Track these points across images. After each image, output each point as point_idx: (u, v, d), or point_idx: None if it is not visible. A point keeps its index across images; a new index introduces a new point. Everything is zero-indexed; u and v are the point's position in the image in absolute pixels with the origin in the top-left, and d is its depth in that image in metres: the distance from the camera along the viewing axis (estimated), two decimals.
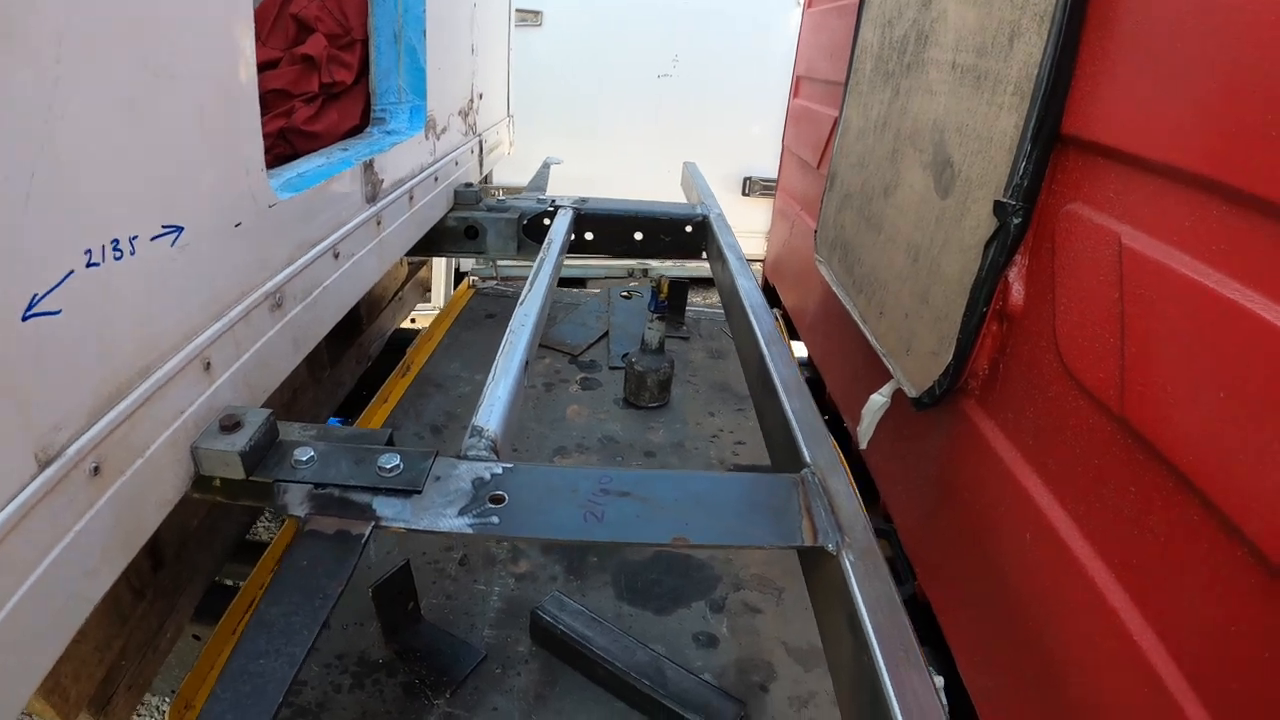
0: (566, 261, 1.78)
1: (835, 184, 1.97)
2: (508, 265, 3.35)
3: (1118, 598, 0.93)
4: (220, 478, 0.96)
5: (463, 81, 2.21)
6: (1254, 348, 0.76)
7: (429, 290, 2.82)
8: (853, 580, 0.86)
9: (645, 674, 1.20)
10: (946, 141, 1.39)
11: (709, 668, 1.29)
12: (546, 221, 2.16)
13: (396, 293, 2.31)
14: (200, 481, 0.95)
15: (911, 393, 1.38)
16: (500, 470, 1.01)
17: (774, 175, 3.04)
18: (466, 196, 2.13)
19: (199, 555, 1.46)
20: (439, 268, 3.02)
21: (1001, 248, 1.18)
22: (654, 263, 4.30)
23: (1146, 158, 0.95)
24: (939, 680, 1.25)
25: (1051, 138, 1.11)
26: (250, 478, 0.96)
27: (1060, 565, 1.04)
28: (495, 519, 0.92)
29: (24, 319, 0.62)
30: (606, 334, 2.54)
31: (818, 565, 0.95)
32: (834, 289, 1.87)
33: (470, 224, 2.13)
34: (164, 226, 0.84)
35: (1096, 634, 0.97)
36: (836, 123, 2.04)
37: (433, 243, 2.09)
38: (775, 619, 1.40)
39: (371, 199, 1.54)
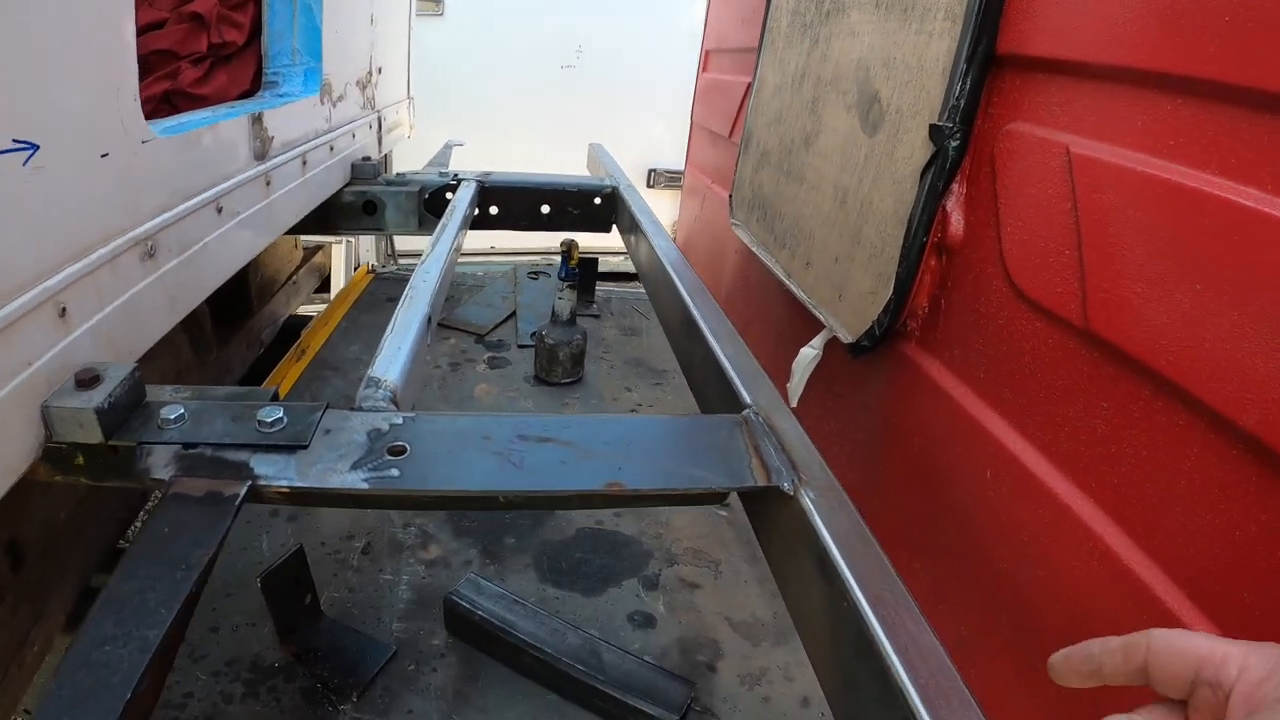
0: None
1: (750, 145, 1.91)
2: (406, 258, 3.13)
3: (1096, 519, 0.87)
4: (76, 444, 0.80)
5: (361, 51, 2.06)
6: (1229, 231, 0.72)
7: (328, 279, 2.60)
8: (817, 519, 0.77)
9: (579, 659, 1.07)
10: (872, 78, 1.34)
11: (649, 649, 1.17)
12: (449, 195, 2.01)
13: (291, 276, 2.11)
14: (54, 455, 0.79)
15: (848, 338, 1.31)
16: (400, 420, 0.87)
17: (679, 167, 2.99)
18: (364, 170, 1.97)
19: (69, 554, 1.24)
20: (338, 259, 2.79)
21: (940, 172, 1.13)
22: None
23: (1090, 63, 0.92)
24: None
25: (987, 59, 1.08)
26: (109, 441, 0.79)
27: (1027, 497, 0.98)
28: (395, 471, 0.78)
29: None
30: (514, 314, 2.40)
31: (773, 509, 0.86)
32: (754, 249, 1.80)
33: (369, 199, 1.97)
34: (15, 141, 0.71)
35: (1075, 560, 0.91)
36: (749, 87, 1.99)
37: (328, 220, 1.92)
38: (715, 593, 1.30)
39: (260, 156, 1.38)
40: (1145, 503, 0.82)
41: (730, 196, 2.01)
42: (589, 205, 2.09)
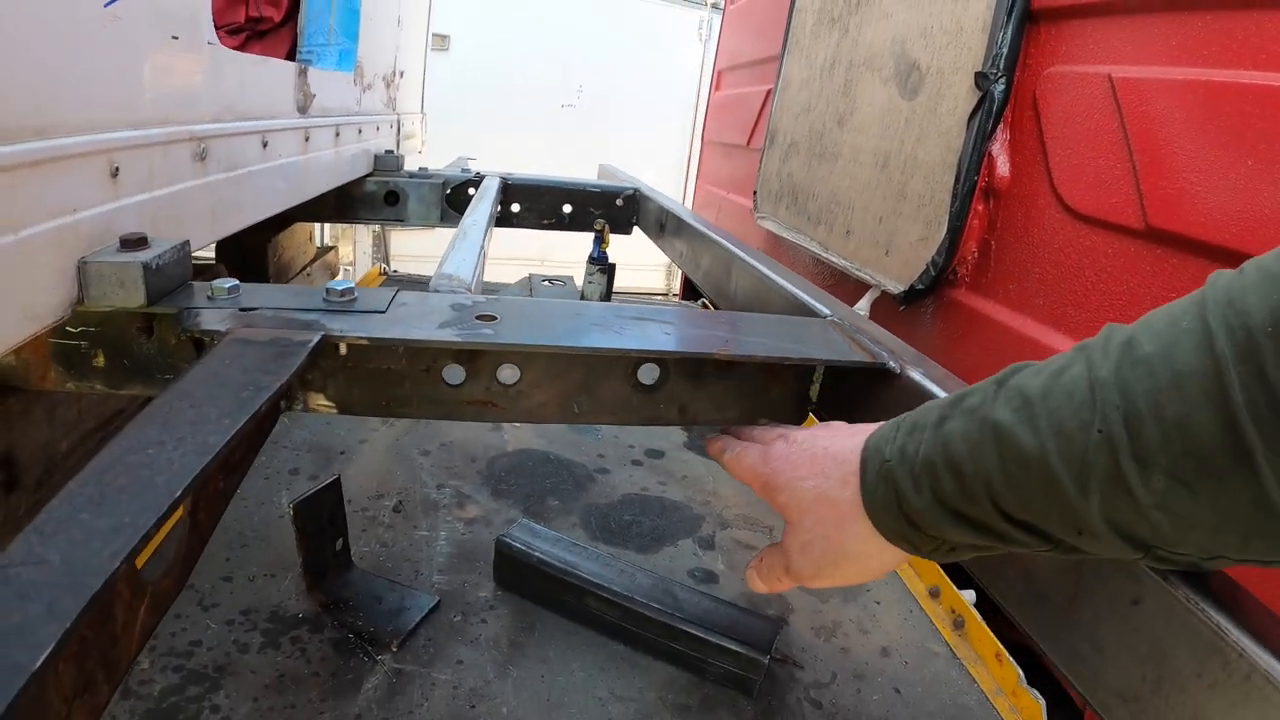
0: None
1: (776, 141, 1.95)
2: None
3: None
4: (109, 312, 0.71)
5: (389, 47, 2.09)
6: (1270, 110, 0.83)
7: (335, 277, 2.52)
8: (935, 388, 0.73)
9: (653, 598, 0.98)
10: (909, 50, 1.40)
11: None
12: (471, 191, 2.00)
13: (305, 268, 2.05)
14: (70, 354, 0.73)
15: (898, 289, 1.31)
16: (483, 299, 0.81)
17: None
18: (388, 162, 1.96)
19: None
20: (345, 258, 2.73)
21: (987, 114, 1.19)
22: None
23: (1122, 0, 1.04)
24: (969, 595, 1.11)
25: (1024, 14, 1.17)
26: (152, 308, 0.72)
27: None
28: (489, 330, 0.72)
29: None
30: None
31: (878, 389, 0.81)
32: (783, 235, 1.82)
33: (391, 189, 1.95)
34: None
35: None
36: (770, 92, 2.05)
37: (350, 207, 1.90)
38: None
39: (303, 110, 1.39)
40: None
41: (754, 194, 2.03)
42: (611, 206, 2.10)
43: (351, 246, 2.60)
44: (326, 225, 3.09)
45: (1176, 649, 0.45)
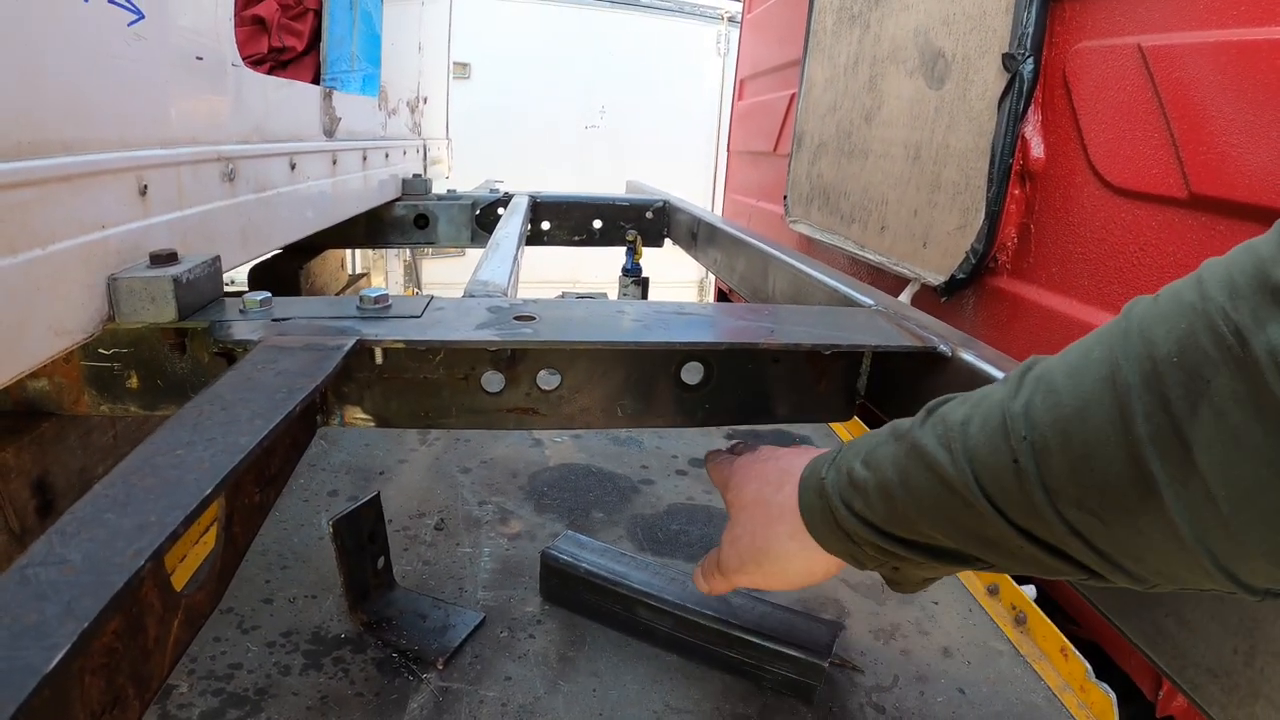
0: None
1: (804, 143, 1.92)
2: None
3: None
4: (141, 330, 0.71)
5: (411, 72, 2.12)
6: None
7: None
8: (990, 368, 0.69)
9: (707, 605, 0.94)
10: (933, 39, 1.38)
11: None
12: (500, 211, 2.00)
13: (337, 295, 2.07)
14: (103, 377, 0.73)
15: (938, 280, 1.28)
16: (521, 302, 0.79)
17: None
18: (416, 186, 1.98)
19: None
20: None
21: (1018, 96, 1.17)
22: None
23: None
24: (1030, 590, 1.05)
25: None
26: (184, 323, 0.71)
27: None
28: (528, 330, 0.70)
29: None
30: None
31: (931, 373, 0.78)
32: (816, 237, 1.79)
33: (420, 212, 1.96)
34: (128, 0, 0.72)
35: None
36: (794, 96, 2.03)
37: (380, 233, 1.91)
38: None
39: (329, 133, 1.40)
40: None
41: (785, 199, 2.01)
42: (641, 219, 2.09)
43: (384, 276, 2.63)
44: (358, 254, 3.14)
45: (1271, 615, 0.43)
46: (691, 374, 0.78)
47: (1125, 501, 0.35)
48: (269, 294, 0.77)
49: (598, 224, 2.09)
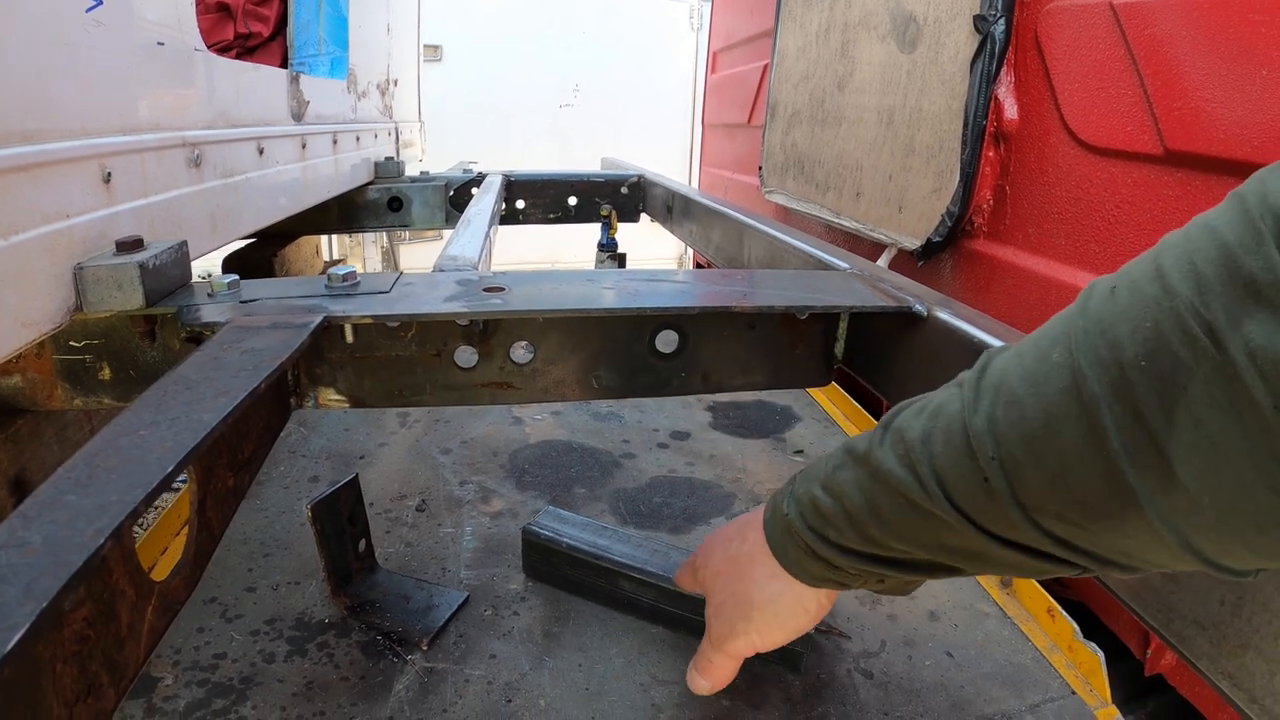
0: None
1: (777, 113, 1.91)
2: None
3: None
4: (110, 319, 0.70)
5: (380, 55, 2.08)
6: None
7: None
8: (967, 326, 0.69)
9: None
10: (904, 3, 1.37)
11: None
12: (475, 191, 1.97)
13: None
14: (74, 369, 0.73)
15: (915, 244, 1.28)
16: (490, 274, 0.78)
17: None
18: (388, 169, 1.95)
19: None
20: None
21: (990, 58, 1.17)
22: None
23: None
24: None
25: None
26: (152, 309, 0.70)
27: None
28: (498, 300, 0.70)
29: None
30: None
31: (906, 334, 0.78)
32: (792, 206, 1.79)
33: (394, 195, 1.94)
34: None
35: None
36: (766, 66, 2.01)
37: (354, 217, 1.88)
38: None
39: (297, 117, 1.37)
40: None
41: (760, 170, 2.00)
42: (616, 194, 2.07)
43: (361, 262, 2.60)
44: (334, 240, 3.10)
45: None
46: (666, 342, 0.77)
47: (1108, 510, 0.34)
48: (236, 276, 0.75)
49: (573, 201, 2.07)
